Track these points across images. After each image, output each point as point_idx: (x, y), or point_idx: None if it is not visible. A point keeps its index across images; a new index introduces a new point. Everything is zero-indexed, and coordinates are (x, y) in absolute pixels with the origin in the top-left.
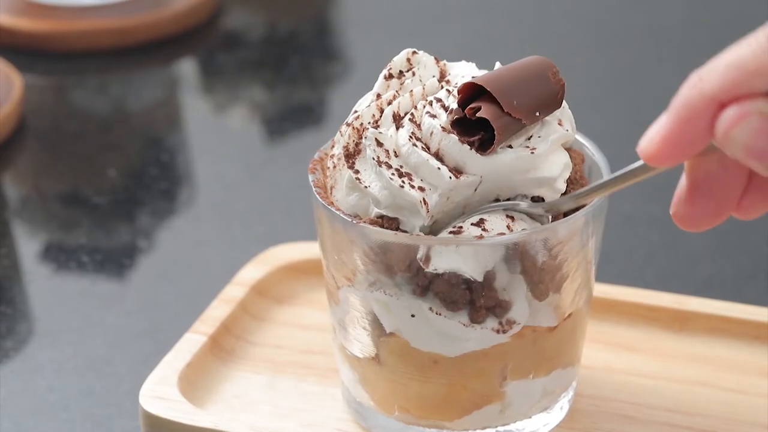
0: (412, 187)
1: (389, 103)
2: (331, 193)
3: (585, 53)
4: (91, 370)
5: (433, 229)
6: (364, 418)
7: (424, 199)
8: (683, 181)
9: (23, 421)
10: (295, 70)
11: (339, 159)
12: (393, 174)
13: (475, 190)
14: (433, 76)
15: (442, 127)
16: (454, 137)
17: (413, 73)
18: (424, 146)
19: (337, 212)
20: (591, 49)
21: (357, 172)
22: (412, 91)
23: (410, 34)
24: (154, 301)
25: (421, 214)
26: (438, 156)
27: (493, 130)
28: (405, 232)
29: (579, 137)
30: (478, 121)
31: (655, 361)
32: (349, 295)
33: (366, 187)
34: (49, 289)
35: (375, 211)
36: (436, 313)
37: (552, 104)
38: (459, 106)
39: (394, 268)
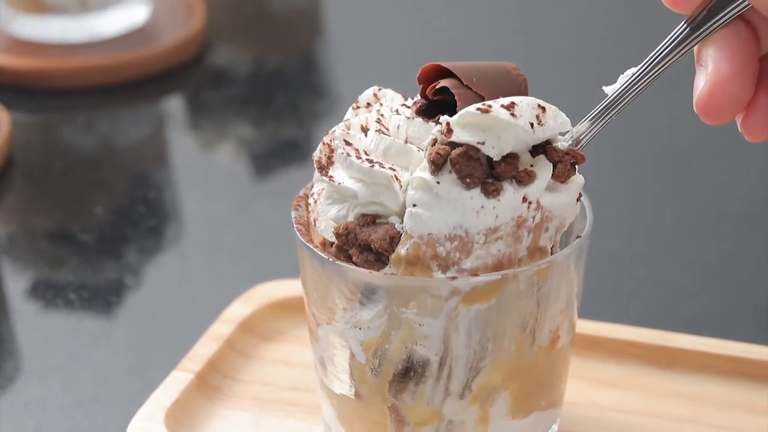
0: (382, 166)
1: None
2: (315, 225)
3: (581, 67)
4: (79, 407)
5: None
6: None
7: (395, 176)
8: (700, 73)
9: None
10: (282, 107)
11: (319, 194)
12: (363, 162)
13: None
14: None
15: (407, 117)
16: (419, 120)
17: (381, 105)
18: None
19: (315, 249)
20: (590, 62)
21: (331, 177)
22: (379, 110)
23: (396, 70)
24: (141, 338)
25: (395, 191)
26: (407, 144)
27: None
28: (386, 224)
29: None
30: (442, 107)
31: (642, 398)
32: (328, 333)
33: (340, 183)
34: (36, 326)
35: (355, 211)
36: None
37: (516, 94)
38: (421, 96)
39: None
